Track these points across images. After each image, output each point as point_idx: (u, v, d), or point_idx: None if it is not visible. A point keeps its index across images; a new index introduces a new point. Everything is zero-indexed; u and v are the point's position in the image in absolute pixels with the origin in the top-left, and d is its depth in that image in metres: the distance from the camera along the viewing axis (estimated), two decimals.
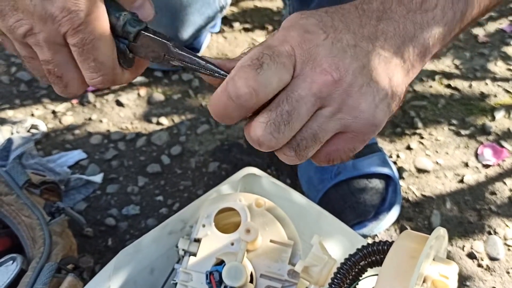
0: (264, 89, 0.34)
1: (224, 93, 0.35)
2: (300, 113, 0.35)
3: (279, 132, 0.35)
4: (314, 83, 0.35)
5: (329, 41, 0.36)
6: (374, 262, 0.43)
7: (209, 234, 0.55)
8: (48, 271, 0.54)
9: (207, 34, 1.14)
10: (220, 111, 0.35)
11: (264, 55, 0.35)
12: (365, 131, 0.38)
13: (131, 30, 0.40)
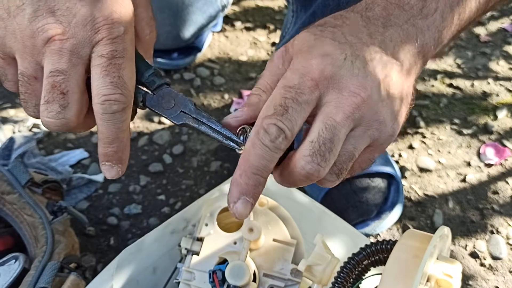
0: (293, 127, 0.35)
1: (258, 145, 0.35)
2: (340, 138, 0.36)
3: (325, 160, 0.35)
4: (347, 106, 0.36)
5: (349, 60, 0.37)
6: (377, 261, 0.43)
7: (211, 233, 0.55)
8: (51, 270, 0.54)
9: (208, 33, 1.14)
10: (260, 163, 0.35)
11: (287, 100, 0.35)
12: (387, 142, 0.39)
13: (157, 80, 0.40)
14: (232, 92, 1.05)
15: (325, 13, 0.66)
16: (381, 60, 0.38)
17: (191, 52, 1.09)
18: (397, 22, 0.39)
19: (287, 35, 0.80)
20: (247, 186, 0.35)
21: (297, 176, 0.36)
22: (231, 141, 0.38)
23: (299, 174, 0.35)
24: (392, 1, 0.40)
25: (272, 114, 0.35)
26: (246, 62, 1.12)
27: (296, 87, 0.35)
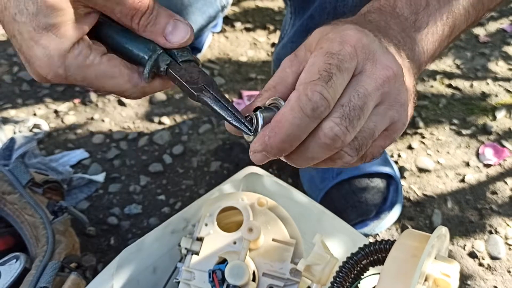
0: (335, 97, 0.34)
1: (297, 112, 0.33)
2: (368, 108, 0.36)
3: (352, 126, 0.35)
4: (379, 78, 0.36)
5: (378, 40, 0.37)
6: (376, 261, 0.43)
7: (211, 233, 0.55)
8: (52, 269, 0.54)
9: (208, 34, 1.14)
10: (293, 131, 0.34)
11: (331, 66, 0.34)
12: (400, 129, 0.39)
13: (186, 54, 0.39)
14: (232, 92, 1.06)
15: (322, 16, 0.66)
16: (397, 50, 0.38)
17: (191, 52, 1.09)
18: (395, 29, 0.40)
19: (285, 36, 0.81)
20: (271, 149, 0.35)
21: (322, 140, 0.35)
22: (244, 126, 0.36)
23: (325, 136, 0.34)
24: (387, 10, 0.41)
25: (317, 80, 0.33)
26: (246, 62, 1.13)
27: (338, 54, 0.35)
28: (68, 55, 0.36)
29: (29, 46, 0.35)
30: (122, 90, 0.38)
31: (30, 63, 0.36)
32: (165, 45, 0.38)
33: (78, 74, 0.36)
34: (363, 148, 0.37)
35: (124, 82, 0.38)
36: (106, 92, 0.39)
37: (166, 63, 0.38)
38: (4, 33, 1.17)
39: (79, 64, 0.36)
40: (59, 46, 0.35)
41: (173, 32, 0.38)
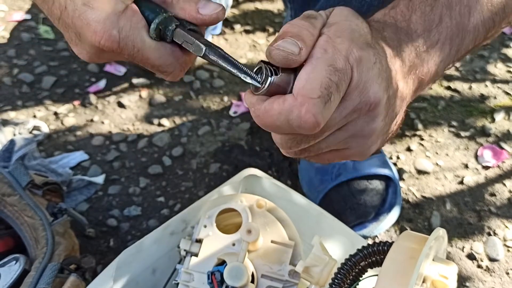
0: (326, 119, 0.34)
1: (284, 117, 0.34)
2: (330, 130, 0.37)
3: (307, 142, 0.37)
4: (352, 105, 0.36)
5: (377, 66, 0.37)
6: (374, 262, 0.43)
7: (210, 234, 0.55)
8: (51, 271, 0.54)
9: (208, 36, 1.15)
10: (271, 127, 0.35)
11: (331, 83, 0.34)
12: (354, 156, 0.41)
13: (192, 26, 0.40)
14: (232, 94, 1.06)
15: None
16: (398, 74, 0.38)
17: None
18: (406, 51, 0.40)
19: None
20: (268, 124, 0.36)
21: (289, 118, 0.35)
22: (252, 79, 0.36)
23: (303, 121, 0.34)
24: (402, 26, 0.40)
25: (317, 99, 0.33)
26: (246, 64, 1.13)
27: (340, 71, 0.35)
28: (122, 15, 0.36)
29: (82, 12, 0.35)
30: (166, 64, 0.39)
31: (82, 34, 0.36)
32: (196, 18, 0.39)
33: (130, 37, 0.36)
34: (304, 153, 0.39)
35: (167, 55, 0.39)
36: (149, 65, 0.39)
37: (175, 23, 0.39)
38: (4, 34, 1.17)
39: (133, 26, 0.37)
40: (114, 7, 0.36)
41: (205, 6, 0.39)
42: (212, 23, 0.40)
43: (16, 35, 1.18)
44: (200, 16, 0.39)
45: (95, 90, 1.05)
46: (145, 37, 0.37)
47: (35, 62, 1.11)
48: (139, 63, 0.39)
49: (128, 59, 0.39)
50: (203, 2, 0.39)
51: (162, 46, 0.38)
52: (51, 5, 0.37)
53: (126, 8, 0.37)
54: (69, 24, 0.37)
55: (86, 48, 0.38)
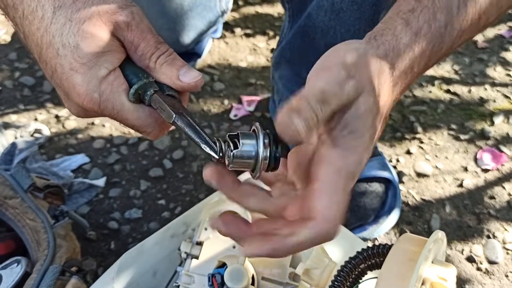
0: None
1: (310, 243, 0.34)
2: None
3: None
4: None
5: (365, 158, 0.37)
6: (374, 265, 0.44)
7: (211, 237, 0.56)
8: (53, 273, 0.55)
9: (208, 39, 1.15)
10: None
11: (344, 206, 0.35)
12: None
13: (174, 92, 0.41)
14: (232, 97, 1.07)
15: (319, 13, 0.67)
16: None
17: (191, 58, 1.10)
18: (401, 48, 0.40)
19: (284, 39, 0.81)
20: None
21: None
22: (210, 148, 0.37)
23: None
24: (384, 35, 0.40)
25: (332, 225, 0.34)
26: (246, 68, 1.14)
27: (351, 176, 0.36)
28: (103, 80, 0.39)
29: (69, 76, 0.38)
30: (144, 125, 0.41)
31: (69, 94, 0.39)
32: (175, 85, 0.41)
33: (110, 100, 0.39)
34: None
35: (146, 117, 0.41)
36: (128, 125, 0.41)
37: (154, 89, 0.40)
38: (5, 37, 1.18)
39: (113, 90, 0.39)
40: (97, 73, 0.38)
41: (186, 74, 0.41)
42: (191, 90, 0.42)
43: (17, 38, 1.18)
44: (180, 83, 0.41)
45: None
46: (124, 100, 0.40)
47: (36, 66, 1.11)
48: (120, 123, 0.41)
49: (111, 118, 0.41)
50: (184, 69, 0.41)
51: (140, 108, 0.40)
52: (44, 66, 0.40)
53: (109, 73, 0.39)
54: (59, 84, 0.40)
55: (74, 106, 0.41)
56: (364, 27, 0.65)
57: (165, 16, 0.97)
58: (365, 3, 0.62)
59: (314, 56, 0.65)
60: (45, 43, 0.38)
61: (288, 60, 0.79)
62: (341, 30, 0.65)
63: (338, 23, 0.65)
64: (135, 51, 0.41)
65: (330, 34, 0.67)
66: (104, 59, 0.39)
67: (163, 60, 0.41)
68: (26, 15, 0.39)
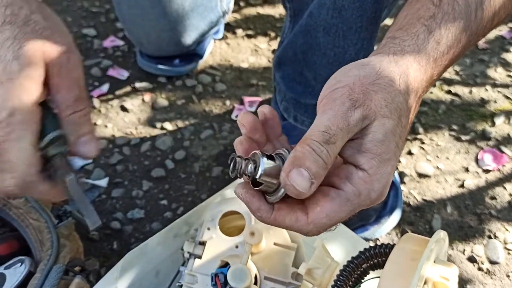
0: None
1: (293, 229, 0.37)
2: None
3: None
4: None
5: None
6: (376, 264, 0.44)
7: (213, 237, 0.56)
8: (56, 273, 0.55)
9: (210, 40, 1.16)
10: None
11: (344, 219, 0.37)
12: None
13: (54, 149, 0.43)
14: (234, 98, 1.07)
15: (321, 12, 0.67)
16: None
17: (193, 59, 1.11)
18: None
19: (285, 39, 0.82)
20: None
21: None
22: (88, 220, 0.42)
23: None
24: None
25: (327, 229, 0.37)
26: (247, 69, 1.14)
27: (356, 210, 0.37)
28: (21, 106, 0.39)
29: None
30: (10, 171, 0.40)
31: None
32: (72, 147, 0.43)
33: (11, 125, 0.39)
34: None
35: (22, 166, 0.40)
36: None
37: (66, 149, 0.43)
38: None
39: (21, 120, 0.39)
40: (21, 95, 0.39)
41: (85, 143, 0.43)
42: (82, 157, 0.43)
43: None
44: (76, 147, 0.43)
45: (98, 94, 1.06)
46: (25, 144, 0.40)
47: None
48: None
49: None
50: (87, 137, 0.43)
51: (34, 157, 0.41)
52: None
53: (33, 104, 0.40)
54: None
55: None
56: (366, 25, 0.65)
57: (166, 17, 0.97)
58: (366, 1, 0.63)
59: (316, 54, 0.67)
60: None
61: (290, 60, 0.79)
62: (343, 28, 0.66)
63: (340, 21, 0.65)
64: (55, 94, 0.41)
65: (332, 32, 0.67)
66: (30, 84, 0.39)
67: (74, 119, 0.42)
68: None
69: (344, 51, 0.68)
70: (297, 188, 0.33)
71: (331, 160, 0.34)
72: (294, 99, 0.82)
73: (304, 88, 0.78)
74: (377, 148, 0.36)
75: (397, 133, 0.37)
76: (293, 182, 0.33)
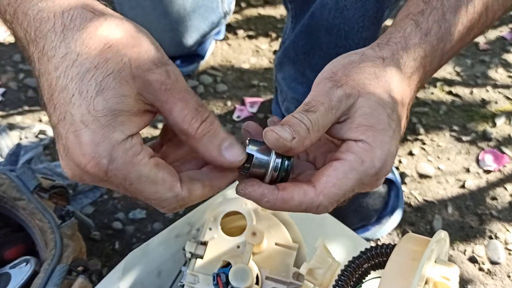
0: None
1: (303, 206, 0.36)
2: None
3: None
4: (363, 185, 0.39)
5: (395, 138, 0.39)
6: (377, 264, 0.44)
7: (215, 237, 0.56)
8: (60, 272, 0.55)
9: (211, 41, 1.16)
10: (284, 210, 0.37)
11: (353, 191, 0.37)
12: None
13: None
14: (235, 99, 1.07)
15: (323, 12, 0.67)
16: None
17: (194, 59, 1.11)
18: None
19: (287, 40, 0.82)
20: None
21: None
22: None
23: None
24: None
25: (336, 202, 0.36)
26: (249, 69, 1.14)
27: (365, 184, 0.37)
28: (118, 146, 0.32)
29: (78, 129, 0.31)
30: (162, 199, 0.34)
31: (70, 151, 0.32)
32: (215, 160, 0.36)
33: (121, 170, 0.32)
34: None
35: (165, 190, 0.34)
36: (143, 198, 0.34)
37: None
38: (9, 39, 1.19)
39: (126, 160, 0.32)
40: (110, 135, 0.32)
41: (229, 149, 0.37)
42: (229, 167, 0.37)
43: None
44: (221, 159, 0.36)
45: None
46: (142, 169, 0.33)
47: None
48: (130, 195, 0.35)
49: (117, 188, 0.34)
50: (227, 143, 0.37)
51: (161, 181, 0.34)
52: (52, 111, 0.33)
53: (126, 139, 0.32)
54: (62, 136, 0.33)
55: (72, 166, 0.33)
56: (368, 25, 0.65)
57: (167, 18, 0.97)
58: (368, 1, 0.63)
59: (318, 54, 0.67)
60: (59, 85, 0.32)
61: (292, 60, 0.80)
62: (345, 28, 0.66)
63: (342, 21, 0.65)
64: (170, 113, 0.34)
65: (334, 32, 0.67)
66: (121, 120, 0.32)
67: (206, 129, 0.35)
68: (46, 50, 0.33)
69: (346, 51, 0.68)
70: (278, 133, 0.35)
71: (315, 128, 0.36)
72: (295, 99, 0.82)
73: (306, 88, 0.78)
74: (367, 120, 0.37)
75: (387, 106, 0.37)
76: (275, 129, 0.35)
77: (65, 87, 0.32)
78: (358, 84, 0.37)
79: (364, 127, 0.37)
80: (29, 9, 0.33)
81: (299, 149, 0.36)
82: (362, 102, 0.37)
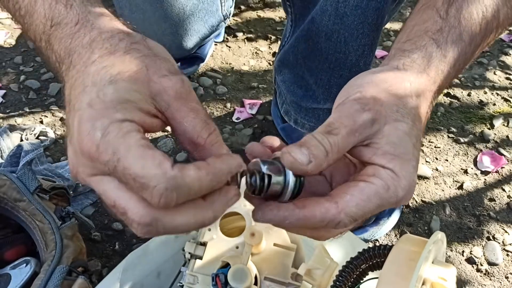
0: None
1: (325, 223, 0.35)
2: None
3: None
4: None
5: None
6: (375, 265, 0.44)
7: (214, 238, 0.57)
8: (60, 273, 0.56)
9: (211, 44, 1.16)
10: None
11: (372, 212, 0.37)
12: None
13: None
14: (235, 101, 1.08)
15: (323, 18, 0.68)
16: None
17: (194, 62, 1.11)
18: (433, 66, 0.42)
19: (286, 43, 0.83)
20: None
21: None
22: None
23: None
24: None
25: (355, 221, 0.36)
26: (248, 71, 1.15)
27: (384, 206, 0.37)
28: (115, 123, 0.31)
29: (82, 111, 0.32)
30: (149, 176, 0.31)
31: (72, 134, 0.33)
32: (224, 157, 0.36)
33: (112, 143, 0.31)
34: None
35: (154, 166, 0.31)
36: (128, 176, 0.31)
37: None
38: (10, 41, 1.19)
39: (119, 135, 0.31)
40: (112, 114, 0.32)
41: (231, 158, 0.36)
42: None
43: (22, 42, 1.19)
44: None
45: None
46: (132, 143, 0.31)
47: (42, 69, 1.12)
48: (118, 176, 0.32)
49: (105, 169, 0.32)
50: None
51: (150, 157, 0.31)
52: (67, 109, 0.34)
53: (125, 120, 0.32)
54: (70, 124, 0.33)
55: (70, 154, 0.33)
56: (367, 31, 0.66)
57: (167, 21, 0.98)
58: (368, 8, 0.63)
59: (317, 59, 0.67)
60: (78, 84, 0.34)
61: (291, 64, 0.80)
62: (345, 34, 0.67)
63: (342, 27, 0.66)
64: (181, 122, 0.35)
65: (334, 38, 0.68)
66: (126, 107, 0.32)
67: (215, 139, 0.36)
68: (75, 62, 0.35)
69: (345, 57, 0.69)
70: (293, 156, 0.34)
71: (334, 151, 0.35)
72: (294, 102, 0.82)
73: (304, 92, 0.78)
74: (395, 150, 0.36)
75: (413, 135, 0.37)
76: (291, 152, 0.34)
77: (81, 82, 0.33)
78: (386, 110, 0.37)
79: (391, 155, 0.36)
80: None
81: (315, 172, 0.35)
82: (389, 130, 0.36)
